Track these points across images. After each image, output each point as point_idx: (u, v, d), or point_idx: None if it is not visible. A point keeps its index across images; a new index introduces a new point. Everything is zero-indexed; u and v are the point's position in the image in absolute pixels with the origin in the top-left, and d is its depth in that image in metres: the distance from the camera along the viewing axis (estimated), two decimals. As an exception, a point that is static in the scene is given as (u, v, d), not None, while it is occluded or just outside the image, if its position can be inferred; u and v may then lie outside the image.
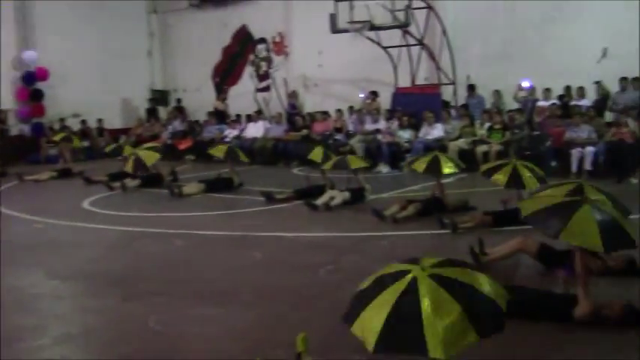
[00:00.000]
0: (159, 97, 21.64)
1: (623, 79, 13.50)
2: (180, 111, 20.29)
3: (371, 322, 2.90)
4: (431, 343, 2.73)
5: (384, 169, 13.91)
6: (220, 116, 18.72)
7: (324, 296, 5.48)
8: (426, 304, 2.86)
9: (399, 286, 2.98)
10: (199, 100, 20.39)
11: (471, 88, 15.55)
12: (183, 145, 17.64)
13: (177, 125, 19.14)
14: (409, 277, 3.01)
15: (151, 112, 20.96)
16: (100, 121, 19.56)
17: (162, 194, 11.36)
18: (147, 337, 4.70)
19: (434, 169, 8.53)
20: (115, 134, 19.06)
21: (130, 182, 12.17)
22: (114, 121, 20.22)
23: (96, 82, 19.35)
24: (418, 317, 2.82)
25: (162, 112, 21.43)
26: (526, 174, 7.43)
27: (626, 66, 13.72)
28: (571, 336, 4.50)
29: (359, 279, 3.39)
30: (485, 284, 3.08)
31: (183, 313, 5.16)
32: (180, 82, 21.57)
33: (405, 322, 2.85)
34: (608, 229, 4.34)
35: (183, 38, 21.02)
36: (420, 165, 8.59)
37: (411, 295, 2.92)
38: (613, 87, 13.76)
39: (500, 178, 7.51)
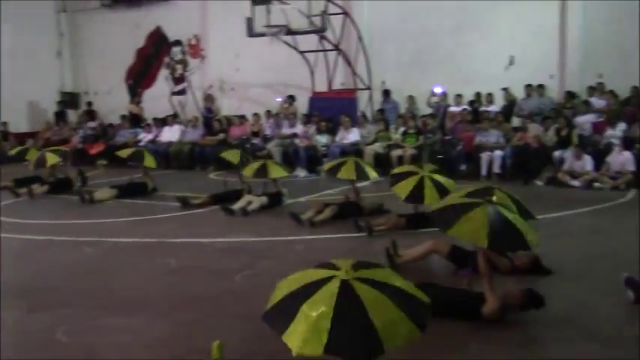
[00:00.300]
0: (68, 100, 20.81)
1: (528, 86, 14.15)
2: (91, 114, 19.63)
3: (311, 328, 2.92)
4: (385, 341, 2.87)
5: (301, 173, 13.96)
6: (135, 120, 18.26)
7: (241, 302, 5.44)
8: (367, 305, 2.98)
9: (330, 291, 3.05)
10: (112, 103, 19.79)
11: (386, 93, 15.85)
12: (94, 150, 17.07)
13: (89, 129, 18.52)
14: (337, 281, 3.09)
15: (60, 115, 20.16)
16: (4, 124, 18.62)
17: (72, 200, 10.95)
18: (55, 349, 4.51)
19: (361, 175, 8.63)
20: (22, 138, 18.19)
21: (38, 188, 11.66)
22: (20, 125, 19.28)
23: (0, 84, 18.43)
24: (365, 319, 2.92)
25: (73, 116, 20.67)
26: (429, 187, 7.22)
27: (531, 73, 14.41)
28: (475, 335, 4.66)
29: (276, 284, 3.39)
30: (401, 282, 3.28)
31: (93, 323, 4.99)
32: (92, 85, 20.86)
33: (350, 326, 2.92)
34: (499, 230, 4.59)
35: (95, 39, 20.33)
36: (349, 173, 8.57)
37: (348, 298, 3.00)
38: (519, 93, 14.40)
39: (401, 191, 7.37)
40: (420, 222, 7.62)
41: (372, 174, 8.77)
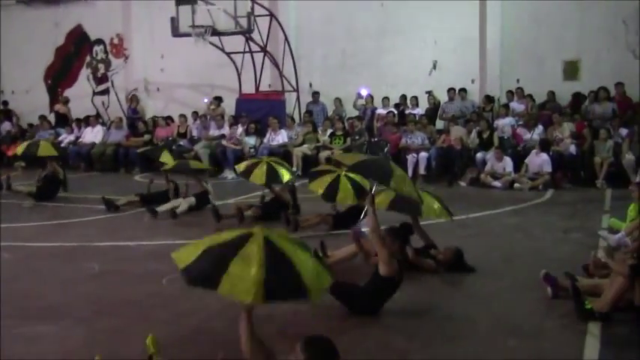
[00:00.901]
0: (-18, 99, 19.89)
1: (451, 90, 14.53)
2: (7, 114, 18.80)
3: (246, 277, 3.17)
4: (311, 290, 3.27)
5: (229, 175, 13.82)
6: (62, 120, 17.57)
7: (166, 306, 5.32)
8: (292, 254, 3.35)
9: (257, 245, 3.32)
10: (30, 102, 19.05)
11: (315, 95, 15.92)
12: (11, 151, 16.36)
13: (5, 129, 17.73)
14: (259, 237, 3.36)
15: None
16: None
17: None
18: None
19: (273, 179, 8.50)
20: None
21: None
22: None
23: None
24: (291, 268, 3.29)
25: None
26: (346, 187, 7.34)
27: (453, 78, 14.82)
28: (400, 332, 4.75)
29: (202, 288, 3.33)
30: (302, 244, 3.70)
31: (10, 332, 4.76)
32: (8, 84, 19.98)
33: (281, 274, 3.25)
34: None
35: (11, 36, 19.45)
36: (259, 178, 8.43)
37: (274, 251, 3.31)
38: (442, 97, 14.76)
39: (317, 188, 7.49)
40: (347, 222, 7.65)
41: (286, 176, 8.49)
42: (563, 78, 14.52)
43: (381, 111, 14.95)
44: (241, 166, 8.91)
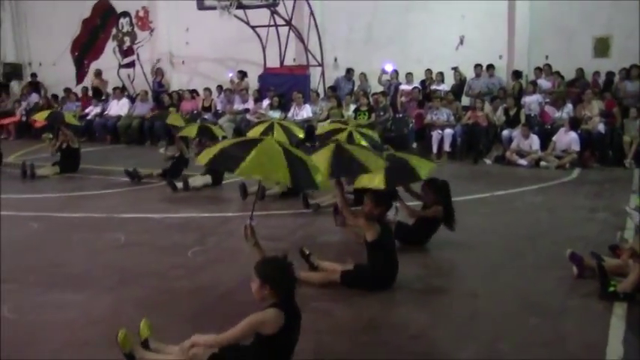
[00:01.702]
0: (11, 71, 20.08)
1: (478, 66, 14.33)
2: (35, 86, 18.98)
3: (270, 162, 3.87)
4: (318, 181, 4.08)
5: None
6: (96, 93, 17.70)
7: (190, 278, 5.38)
8: (303, 153, 4.27)
9: (273, 143, 4.05)
10: (57, 74, 19.21)
11: (348, 72, 15.77)
12: (40, 123, 16.54)
13: (33, 101, 17.93)
14: (272, 140, 4.20)
15: (2, 87, 19.41)
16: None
17: (11, 175, 10.61)
18: (2, 325, 4.38)
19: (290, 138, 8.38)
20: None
21: None
22: (-41, 97, 18.54)
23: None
24: (304, 163, 4.04)
25: (16, 87, 19.96)
26: (360, 142, 7.34)
27: (480, 54, 14.59)
28: (422, 310, 4.74)
29: (225, 259, 3.36)
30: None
31: (39, 299, 4.86)
32: (35, 55, 20.15)
33: (299, 167, 4.00)
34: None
35: (38, 8, 19.57)
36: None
37: (289, 149, 4.10)
38: (469, 73, 14.57)
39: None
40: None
41: (300, 134, 8.81)
42: (593, 55, 14.23)
43: (405, 87, 14.82)
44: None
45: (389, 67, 15.27)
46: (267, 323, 3.23)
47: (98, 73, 18.19)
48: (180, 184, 9.23)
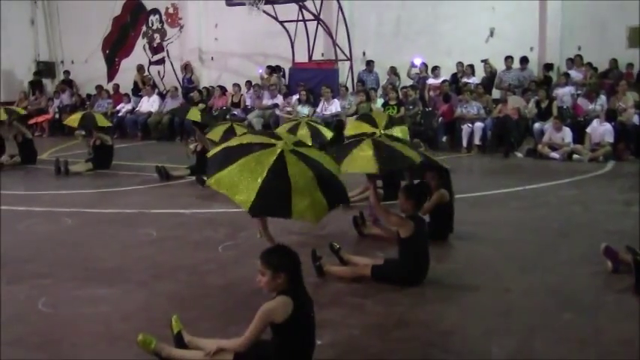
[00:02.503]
0: (44, 69, 20.42)
1: (509, 58, 14.14)
2: (68, 84, 19.28)
3: (240, 183, 3.45)
4: (295, 210, 3.42)
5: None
6: (137, 89, 17.85)
7: (221, 273, 5.42)
8: (292, 175, 3.47)
9: (270, 156, 3.53)
10: (88, 72, 19.48)
11: (368, 64, 15.74)
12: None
13: (66, 99, 18.22)
14: (277, 149, 3.57)
15: (36, 85, 19.76)
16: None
17: (45, 171, 10.79)
18: (37, 319, 4.47)
19: (316, 137, 8.46)
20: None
21: (7, 159, 11.49)
22: (-6, 95, 18.93)
23: (-28, 53, 18.01)
24: (287, 186, 3.43)
25: (49, 85, 20.30)
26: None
27: (511, 46, 14.41)
28: (453, 305, 4.71)
29: (256, 254, 3.38)
30: (331, 164, 3.82)
31: (73, 294, 4.95)
32: (67, 54, 20.45)
33: (274, 193, 3.43)
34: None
35: (70, 7, 19.84)
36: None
37: (279, 165, 3.46)
38: (499, 65, 14.39)
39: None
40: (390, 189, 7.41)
41: (328, 135, 8.73)
42: (627, 45, 13.95)
43: (432, 81, 14.69)
44: (282, 130, 8.77)
45: (417, 61, 15.17)
46: (278, 310, 3.28)
47: (140, 68, 18.28)
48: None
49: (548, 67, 14.00)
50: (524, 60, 14.09)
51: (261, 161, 3.47)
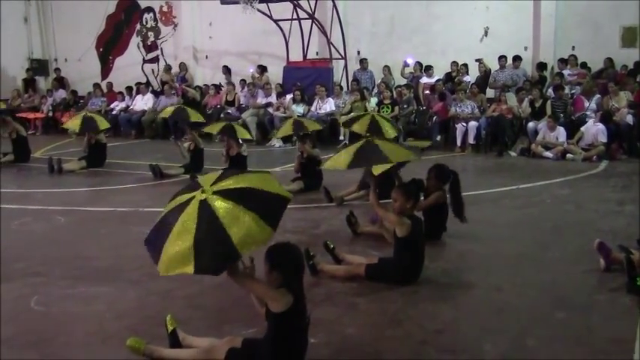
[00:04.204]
0: (37, 67, 20.35)
1: (502, 58, 14.17)
2: (61, 82, 19.21)
3: (178, 253, 3.08)
4: (241, 248, 3.08)
5: (276, 143, 13.88)
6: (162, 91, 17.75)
7: (216, 271, 5.40)
8: (223, 218, 3.13)
9: (191, 212, 3.20)
10: (82, 70, 19.42)
11: (362, 62, 15.75)
12: (65, 119, 16.77)
13: (59, 97, 18.15)
14: (196, 202, 3.23)
15: (29, 83, 19.69)
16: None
17: (38, 169, 10.75)
18: (30, 317, 4.46)
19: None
20: (-11, 105, 17.78)
21: (2, 158, 11.45)
22: (-13, 93, 18.85)
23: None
24: (223, 232, 3.09)
25: (42, 83, 20.23)
26: (385, 125, 7.83)
27: (505, 45, 14.43)
28: (446, 303, 4.73)
29: (254, 252, 3.37)
30: (259, 180, 3.43)
31: (66, 292, 4.93)
32: (61, 52, 20.38)
33: (210, 244, 3.10)
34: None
35: (63, 5, 19.78)
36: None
37: (205, 219, 3.14)
38: (493, 65, 14.41)
39: (358, 127, 7.91)
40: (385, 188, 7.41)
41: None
42: (620, 45, 13.99)
43: (426, 80, 14.71)
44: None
45: (410, 61, 15.18)
46: (278, 298, 3.31)
47: (168, 69, 18.09)
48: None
49: (542, 66, 14.03)
50: (517, 58, 14.12)
51: (185, 220, 3.17)
